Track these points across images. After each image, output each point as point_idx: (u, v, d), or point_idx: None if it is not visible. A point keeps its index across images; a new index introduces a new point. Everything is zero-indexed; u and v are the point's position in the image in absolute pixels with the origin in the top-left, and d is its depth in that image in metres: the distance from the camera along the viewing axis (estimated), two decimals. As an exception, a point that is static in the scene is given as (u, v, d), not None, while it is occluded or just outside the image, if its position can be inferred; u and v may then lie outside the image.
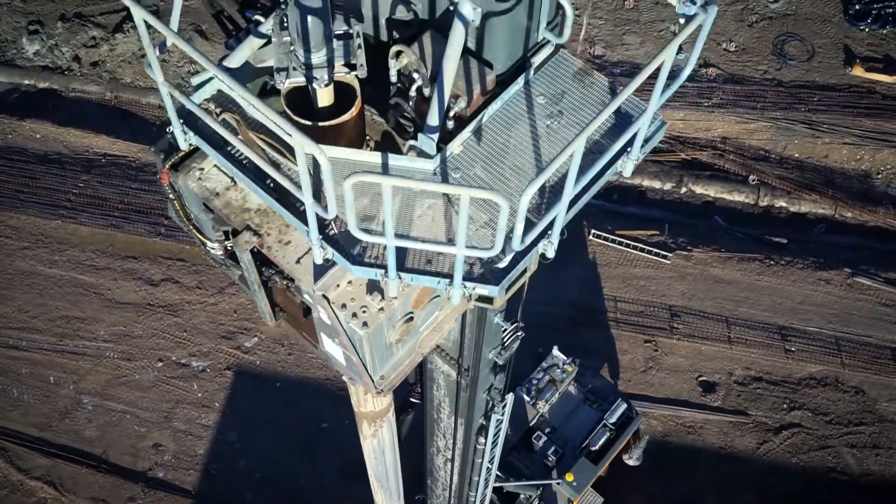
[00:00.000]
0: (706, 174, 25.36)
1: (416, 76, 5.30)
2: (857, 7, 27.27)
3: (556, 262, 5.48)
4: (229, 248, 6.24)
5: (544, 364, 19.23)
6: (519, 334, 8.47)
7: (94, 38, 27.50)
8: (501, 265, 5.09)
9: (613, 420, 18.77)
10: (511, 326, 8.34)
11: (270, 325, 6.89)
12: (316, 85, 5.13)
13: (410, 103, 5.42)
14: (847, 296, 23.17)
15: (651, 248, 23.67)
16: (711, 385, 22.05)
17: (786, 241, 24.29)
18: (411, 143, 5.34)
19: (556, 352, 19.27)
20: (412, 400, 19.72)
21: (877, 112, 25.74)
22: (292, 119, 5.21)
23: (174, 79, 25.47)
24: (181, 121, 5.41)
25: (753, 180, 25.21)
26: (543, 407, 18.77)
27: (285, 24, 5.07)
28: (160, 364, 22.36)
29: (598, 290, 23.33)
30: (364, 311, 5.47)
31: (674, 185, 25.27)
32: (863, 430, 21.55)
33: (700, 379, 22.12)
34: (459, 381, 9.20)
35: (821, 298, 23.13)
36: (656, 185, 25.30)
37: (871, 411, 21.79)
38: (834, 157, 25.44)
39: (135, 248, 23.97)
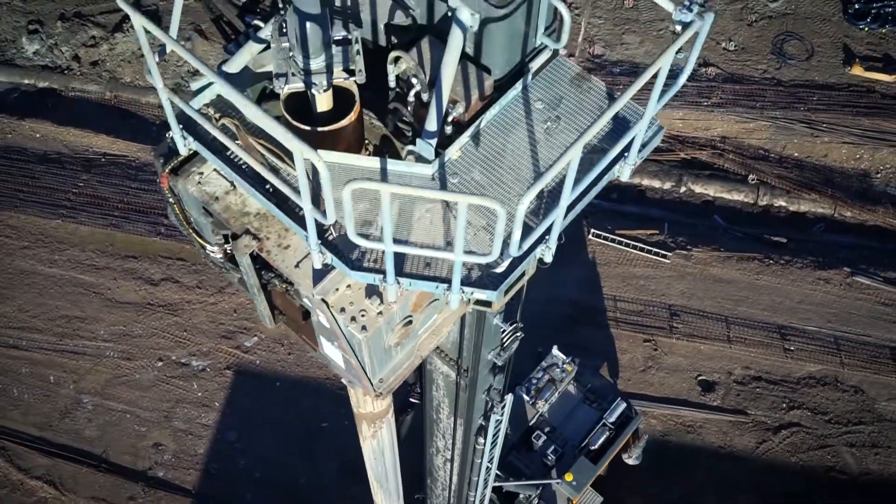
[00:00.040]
0: (705, 173, 25.37)
1: (414, 81, 5.32)
2: (857, 6, 27.24)
3: (555, 261, 5.49)
4: (229, 252, 6.26)
5: (544, 363, 19.21)
6: (518, 335, 8.47)
7: (93, 37, 27.50)
8: (499, 270, 5.12)
9: (613, 419, 18.76)
10: (510, 327, 8.34)
11: (270, 327, 6.91)
12: (315, 90, 5.14)
13: (409, 108, 5.44)
14: (846, 295, 23.17)
15: (650, 248, 23.66)
16: (711, 384, 22.07)
17: (785, 240, 24.29)
18: (410, 148, 5.36)
19: (555, 351, 19.26)
20: (412, 400, 19.80)
21: (876, 111, 25.73)
22: (291, 124, 5.23)
23: (173, 78, 25.44)
24: (181, 126, 5.43)
25: (753, 179, 25.21)
26: (543, 406, 18.76)
27: (284, 31, 5.07)
28: (160, 363, 22.38)
29: (597, 289, 23.34)
30: (363, 315, 5.49)
31: (673, 184, 25.27)
32: (862, 430, 21.57)
33: (699, 378, 22.14)
34: (458, 382, 9.21)
35: (820, 298, 23.14)
36: (656, 184, 25.31)
37: (870, 410, 21.80)
38: (833, 156, 25.45)
39: (135, 247, 23.97)
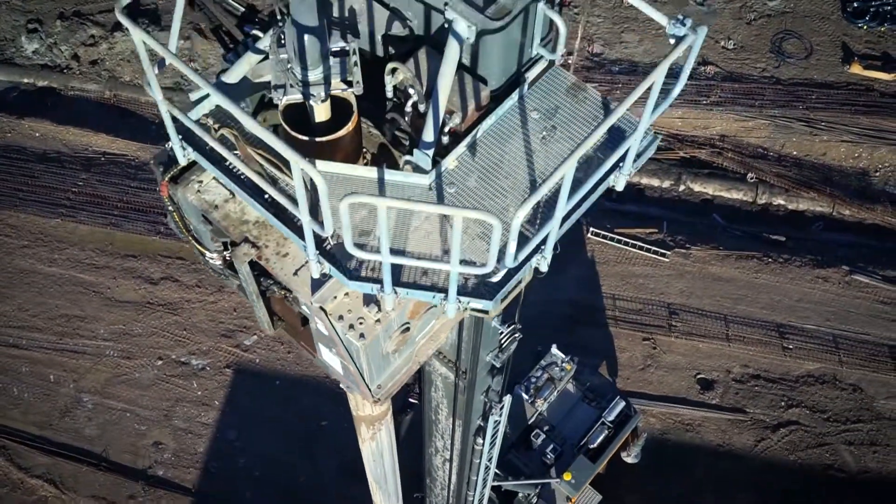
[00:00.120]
0: (704, 172, 25.39)
1: (411, 92, 5.35)
2: (856, 4, 27.27)
3: (554, 261, 5.54)
4: (228, 259, 6.31)
5: (543, 362, 19.27)
6: (516, 336, 8.50)
7: (92, 36, 27.51)
8: (495, 279, 5.16)
9: (612, 418, 18.82)
10: (508, 329, 8.37)
11: (269, 333, 6.95)
12: (313, 101, 5.18)
13: (406, 118, 5.48)
14: (845, 293, 23.21)
15: (649, 246, 23.70)
16: (709, 383, 22.12)
17: (784, 238, 24.33)
18: (407, 157, 5.40)
19: (554, 350, 19.31)
20: (411, 400, 19.87)
21: (875, 109, 25.76)
22: (289, 135, 5.27)
23: (173, 77, 25.46)
24: (180, 136, 5.47)
25: (752, 178, 25.24)
26: (542, 405, 18.82)
27: (282, 42, 5.10)
28: (160, 362, 22.42)
29: (596, 288, 23.38)
30: (361, 323, 5.53)
31: (672, 182, 25.30)
32: (860, 428, 21.62)
33: (698, 377, 22.19)
34: (457, 384, 9.24)
35: (819, 296, 23.17)
36: (655, 182, 25.34)
37: (868, 409, 21.86)
38: (832, 154, 25.47)
39: (134, 246, 24.00)
